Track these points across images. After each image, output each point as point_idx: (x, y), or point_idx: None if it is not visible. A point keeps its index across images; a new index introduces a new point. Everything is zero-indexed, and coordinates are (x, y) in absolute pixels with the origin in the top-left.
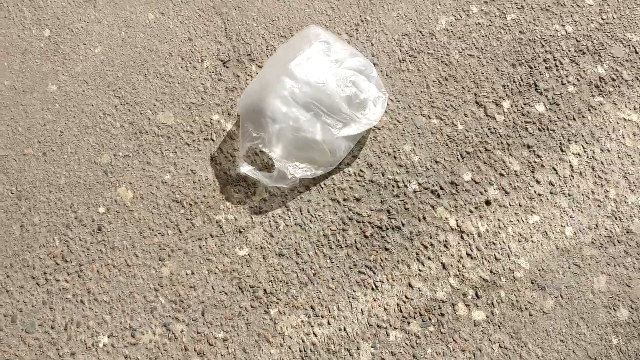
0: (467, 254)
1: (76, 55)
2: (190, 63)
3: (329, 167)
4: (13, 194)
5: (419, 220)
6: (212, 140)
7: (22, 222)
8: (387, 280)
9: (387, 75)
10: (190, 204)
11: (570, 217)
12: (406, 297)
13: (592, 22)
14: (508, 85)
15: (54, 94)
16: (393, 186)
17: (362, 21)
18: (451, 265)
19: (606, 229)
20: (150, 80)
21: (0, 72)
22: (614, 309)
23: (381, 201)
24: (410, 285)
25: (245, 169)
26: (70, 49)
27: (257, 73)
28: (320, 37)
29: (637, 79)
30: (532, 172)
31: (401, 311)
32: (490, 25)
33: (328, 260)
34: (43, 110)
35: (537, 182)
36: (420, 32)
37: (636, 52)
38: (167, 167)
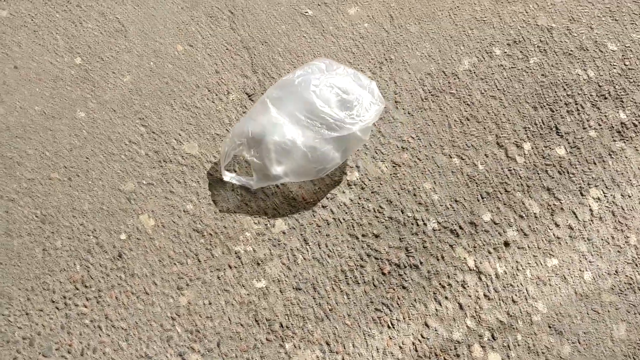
0: (485, 295)
1: (105, 83)
2: (217, 95)
3: (315, 174)
4: (37, 218)
5: (437, 260)
6: (235, 171)
7: (44, 245)
8: (404, 318)
9: (409, 114)
10: (210, 234)
11: (590, 262)
12: (422, 337)
13: (614, 68)
14: (529, 128)
15: (82, 121)
16: (412, 224)
17: (386, 60)
18: (468, 306)
19: (626, 276)
20: (176, 111)
21: (32, 98)
22: (634, 358)
23: (400, 239)
24: (426, 324)
25: (228, 176)
26: (100, 77)
27: None
28: (325, 60)
29: None
30: (552, 215)
31: (416, 350)
32: (512, 67)
33: (345, 296)
34: (71, 136)
35: (557, 225)
36: (443, 72)
37: None
38: (190, 197)
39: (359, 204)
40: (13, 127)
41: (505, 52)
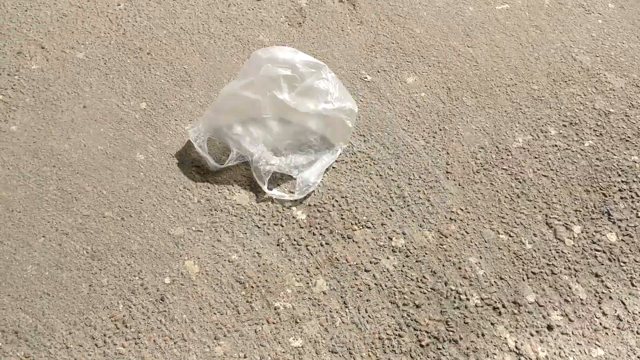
0: None
1: (166, 129)
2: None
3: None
4: (88, 253)
5: (478, 336)
6: (282, 226)
7: (91, 281)
8: None
9: (459, 185)
10: (252, 287)
11: (638, 357)
12: None
13: None
14: (580, 211)
15: (141, 163)
16: (455, 297)
17: (440, 129)
18: None
19: None
20: (232, 162)
21: (96, 137)
22: None
23: (441, 311)
24: None
25: (274, 193)
26: (162, 123)
27: (333, 167)
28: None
29: None
30: (599, 302)
31: None
32: (567, 148)
33: None
34: (128, 177)
35: (604, 314)
36: (497, 147)
37: None
38: (235, 247)
39: (402, 271)
40: (75, 163)
41: (560, 133)
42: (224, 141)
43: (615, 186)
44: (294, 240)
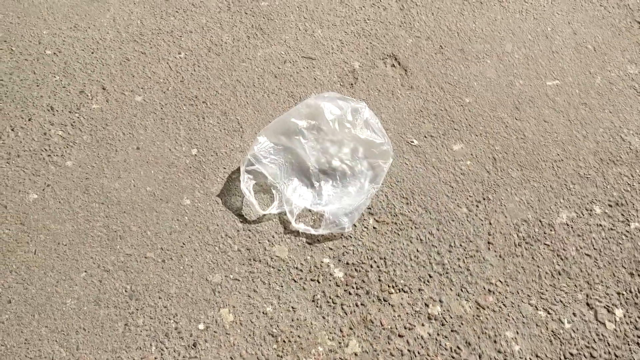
0: None
1: (215, 176)
2: None
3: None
4: (126, 292)
5: None
6: (318, 282)
7: (127, 320)
8: None
9: (500, 257)
10: (284, 341)
11: None
12: None
13: None
14: (623, 294)
15: (186, 208)
16: None
17: (484, 199)
18: None
19: None
20: (274, 213)
21: (146, 179)
22: None
23: None
24: None
25: (300, 226)
26: (211, 170)
27: (374, 228)
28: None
29: None
30: None
31: None
32: (612, 229)
33: None
34: (173, 220)
35: None
36: (540, 221)
37: None
38: (271, 299)
39: (436, 339)
40: (123, 202)
41: (606, 212)
42: (261, 167)
43: None
44: (330, 297)
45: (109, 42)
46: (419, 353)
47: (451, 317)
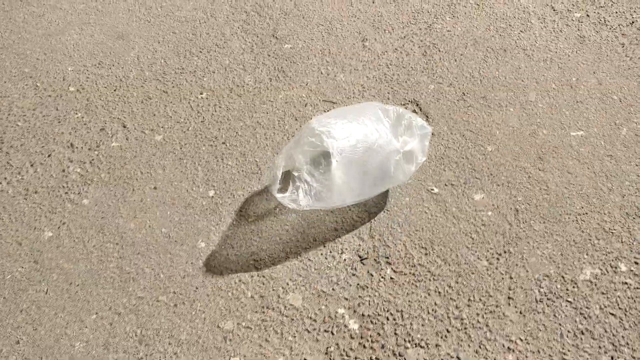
0: None
1: (230, 219)
2: (330, 252)
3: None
4: (136, 336)
5: None
6: (332, 333)
7: None
8: None
9: (520, 313)
10: None
11: None
12: None
13: None
14: None
15: (201, 251)
16: None
17: (505, 252)
18: None
19: None
20: (290, 259)
21: (162, 220)
22: None
23: None
24: None
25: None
26: (227, 212)
27: (391, 278)
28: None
29: None
30: None
31: None
32: (638, 287)
33: None
34: (187, 263)
35: None
36: (563, 277)
37: None
38: (283, 350)
39: None
40: (138, 243)
41: (632, 270)
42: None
43: None
44: (344, 350)
45: (132, 80)
46: None
47: None
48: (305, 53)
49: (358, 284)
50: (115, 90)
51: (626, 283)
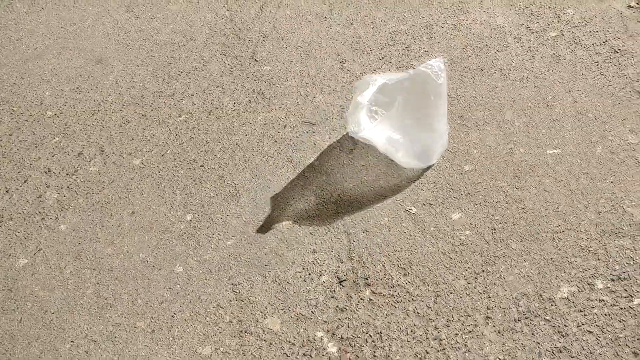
0: None
1: (209, 243)
2: (309, 274)
3: None
4: None
5: None
6: (311, 357)
7: None
8: None
9: (499, 332)
10: None
11: None
12: None
13: None
14: None
15: (179, 276)
16: None
17: (483, 271)
18: None
19: None
20: (268, 283)
21: (139, 245)
22: None
23: None
24: None
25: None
26: (206, 236)
27: (370, 299)
28: None
29: None
30: None
31: None
32: (614, 305)
33: None
34: (164, 288)
35: None
36: (540, 295)
37: None
38: None
39: None
40: (116, 269)
41: (608, 287)
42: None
43: None
44: None
45: (110, 104)
46: None
47: None
48: (284, 75)
49: (337, 306)
50: (93, 115)
51: (602, 300)
